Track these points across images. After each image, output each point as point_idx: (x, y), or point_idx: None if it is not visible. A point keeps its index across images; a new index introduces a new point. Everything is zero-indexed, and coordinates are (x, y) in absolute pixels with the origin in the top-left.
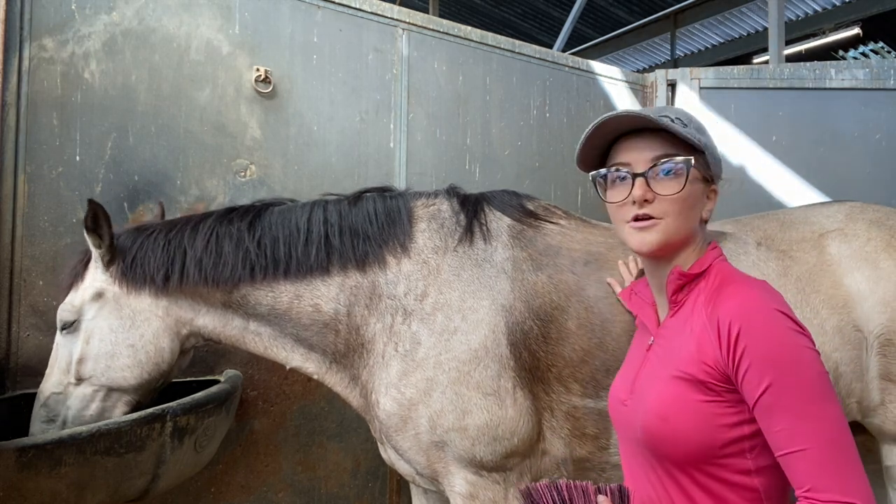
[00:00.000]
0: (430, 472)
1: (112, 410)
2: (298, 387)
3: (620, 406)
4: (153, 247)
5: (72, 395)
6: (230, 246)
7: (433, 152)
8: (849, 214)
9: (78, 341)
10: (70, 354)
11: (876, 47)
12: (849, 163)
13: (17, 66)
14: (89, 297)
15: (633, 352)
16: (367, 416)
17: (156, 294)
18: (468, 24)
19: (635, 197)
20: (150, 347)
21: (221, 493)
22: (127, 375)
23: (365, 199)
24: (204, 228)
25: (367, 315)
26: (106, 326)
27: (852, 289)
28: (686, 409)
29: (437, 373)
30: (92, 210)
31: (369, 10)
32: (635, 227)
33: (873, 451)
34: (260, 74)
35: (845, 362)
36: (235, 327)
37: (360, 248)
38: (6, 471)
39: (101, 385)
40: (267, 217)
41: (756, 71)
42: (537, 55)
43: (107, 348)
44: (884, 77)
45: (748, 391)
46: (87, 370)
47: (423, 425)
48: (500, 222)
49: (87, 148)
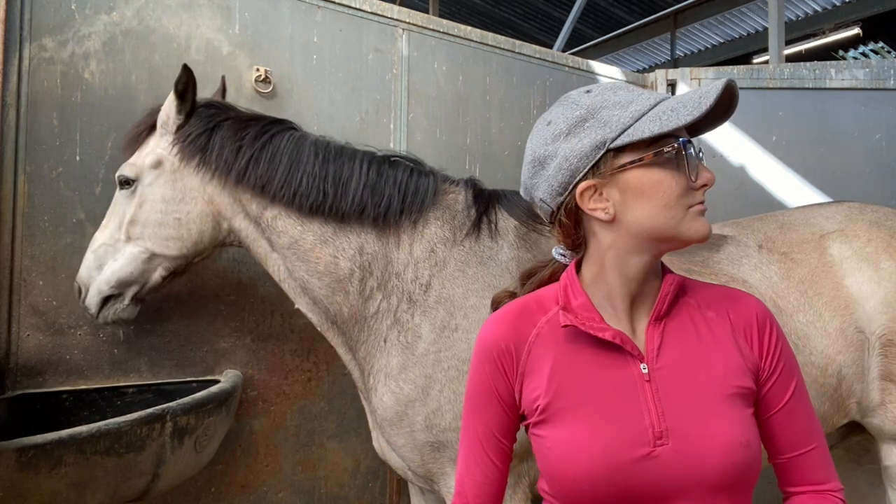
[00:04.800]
0: (424, 472)
1: (151, 273)
2: (298, 387)
3: (642, 462)
4: (214, 129)
5: (119, 251)
6: (281, 166)
7: (433, 152)
8: (848, 215)
9: (133, 202)
10: (124, 213)
11: (876, 47)
12: (849, 163)
13: (17, 66)
14: (150, 163)
15: (612, 391)
16: (363, 396)
17: (204, 176)
18: (468, 24)
19: (711, 180)
20: (193, 226)
21: (221, 493)
22: (170, 245)
23: (400, 167)
24: (264, 137)
25: (375, 288)
26: (159, 195)
27: (853, 290)
28: (753, 427)
29: (435, 370)
30: (185, 75)
31: (369, 10)
32: (700, 212)
33: (871, 451)
34: (260, 74)
35: (848, 364)
36: (262, 248)
37: (383, 213)
38: (6, 471)
39: (146, 248)
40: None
41: (756, 71)
42: (537, 55)
43: (156, 216)
44: (884, 77)
45: (776, 393)
46: (136, 232)
47: (419, 423)
48: (508, 222)
49: (87, 148)
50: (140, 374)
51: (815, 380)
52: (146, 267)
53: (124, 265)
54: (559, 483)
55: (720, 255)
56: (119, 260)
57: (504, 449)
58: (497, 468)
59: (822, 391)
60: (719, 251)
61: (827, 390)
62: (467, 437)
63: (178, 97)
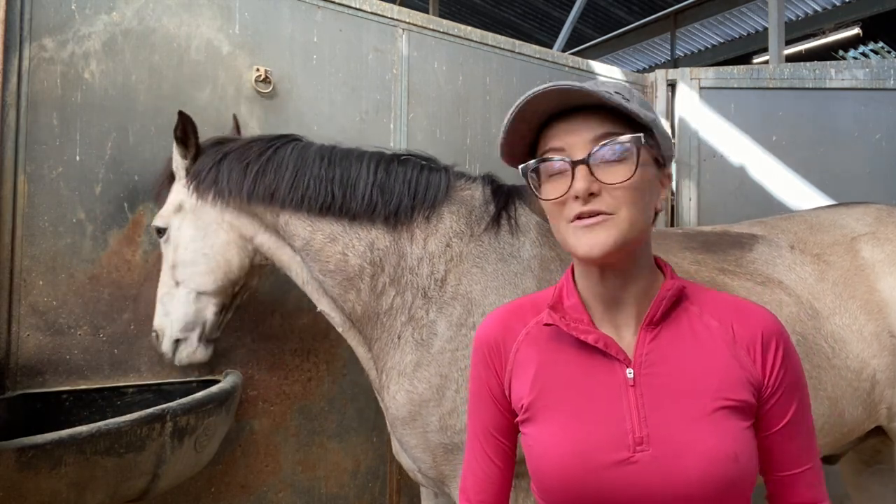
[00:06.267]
0: (435, 474)
1: (204, 311)
2: (298, 387)
3: (620, 467)
4: (221, 160)
5: (175, 297)
6: (286, 172)
7: (433, 152)
8: (878, 217)
9: (170, 249)
10: (169, 260)
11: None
12: (849, 163)
13: (17, 66)
14: (173, 208)
15: (594, 393)
16: (377, 394)
17: (219, 206)
18: (468, 24)
19: (578, 190)
20: (220, 258)
21: (221, 493)
22: (207, 280)
23: (410, 164)
24: (268, 151)
25: (388, 284)
26: (188, 236)
27: (886, 294)
28: (746, 441)
29: (451, 370)
30: (182, 121)
31: (369, 10)
32: (582, 227)
33: (882, 452)
34: (260, 74)
35: (882, 369)
36: (286, 254)
37: (394, 210)
38: (6, 471)
39: (191, 289)
40: (319, 155)
41: (756, 71)
42: (537, 55)
43: (189, 256)
44: (884, 77)
45: (776, 413)
46: (179, 275)
47: (433, 424)
48: (530, 218)
49: (87, 148)
50: (140, 374)
51: (850, 383)
52: (197, 307)
53: (180, 308)
54: (536, 481)
55: (753, 255)
56: (177, 306)
57: (503, 448)
58: (497, 467)
59: (857, 395)
60: (752, 251)
61: (861, 394)
62: (469, 435)
63: (180, 143)
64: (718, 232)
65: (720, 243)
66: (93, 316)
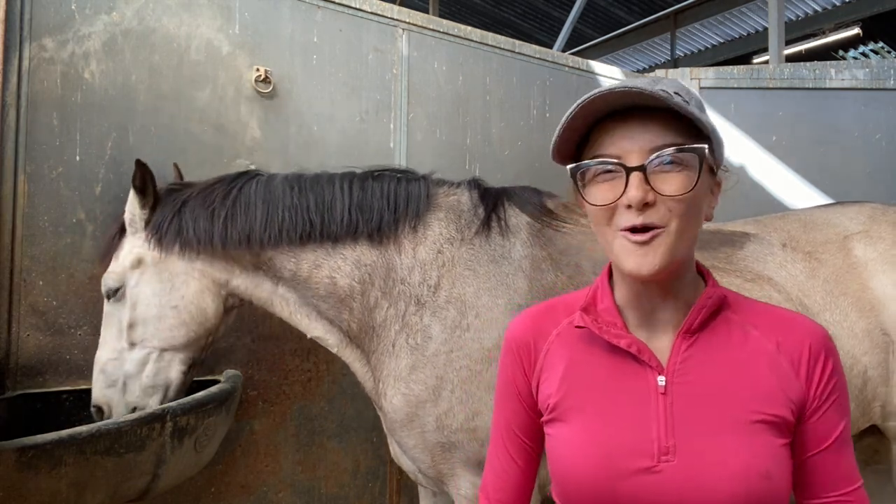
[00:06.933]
0: (434, 473)
1: (168, 370)
2: (298, 387)
3: (642, 475)
4: (183, 209)
5: (127, 360)
6: (258, 210)
7: (433, 152)
8: (871, 216)
9: (125, 308)
10: (120, 321)
11: (876, 47)
12: (849, 163)
13: (17, 66)
14: (129, 264)
15: (622, 398)
16: (375, 404)
17: (188, 256)
18: (468, 24)
19: (632, 199)
20: (192, 307)
21: (221, 493)
22: (176, 335)
23: (385, 178)
24: (233, 192)
25: (380, 298)
26: (149, 291)
27: (879, 292)
28: (782, 459)
29: (447, 371)
30: (140, 170)
31: (369, 10)
32: (632, 242)
33: (880, 452)
34: (260, 74)
35: (873, 366)
36: (266, 290)
37: (377, 227)
38: (6, 471)
39: (154, 347)
40: (287, 184)
41: (756, 71)
42: (537, 55)
43: (153, 311)
44: (884, 77)
45: (822, 428)
46: (137, 335)
47: (430, 424)
48: (520, 219)
49: (87, 148)
50: None
51: None
52: (158, 366)
53: (137, 372)
54: (556, 483)
55: (744, 253)
56: (130, 370)
57: (525, 447)
58: (517, 466)
59: (850, 394)
60: (743, 248)
61: (854, 392)
62: (493, 432)
63: (139, 193)
64: (711, 230)
65: (712, 241)
66: (93, 316)
